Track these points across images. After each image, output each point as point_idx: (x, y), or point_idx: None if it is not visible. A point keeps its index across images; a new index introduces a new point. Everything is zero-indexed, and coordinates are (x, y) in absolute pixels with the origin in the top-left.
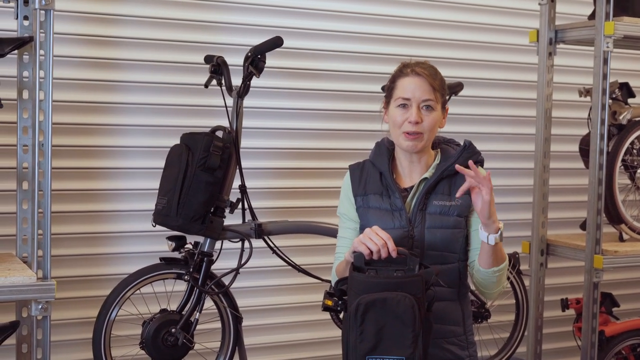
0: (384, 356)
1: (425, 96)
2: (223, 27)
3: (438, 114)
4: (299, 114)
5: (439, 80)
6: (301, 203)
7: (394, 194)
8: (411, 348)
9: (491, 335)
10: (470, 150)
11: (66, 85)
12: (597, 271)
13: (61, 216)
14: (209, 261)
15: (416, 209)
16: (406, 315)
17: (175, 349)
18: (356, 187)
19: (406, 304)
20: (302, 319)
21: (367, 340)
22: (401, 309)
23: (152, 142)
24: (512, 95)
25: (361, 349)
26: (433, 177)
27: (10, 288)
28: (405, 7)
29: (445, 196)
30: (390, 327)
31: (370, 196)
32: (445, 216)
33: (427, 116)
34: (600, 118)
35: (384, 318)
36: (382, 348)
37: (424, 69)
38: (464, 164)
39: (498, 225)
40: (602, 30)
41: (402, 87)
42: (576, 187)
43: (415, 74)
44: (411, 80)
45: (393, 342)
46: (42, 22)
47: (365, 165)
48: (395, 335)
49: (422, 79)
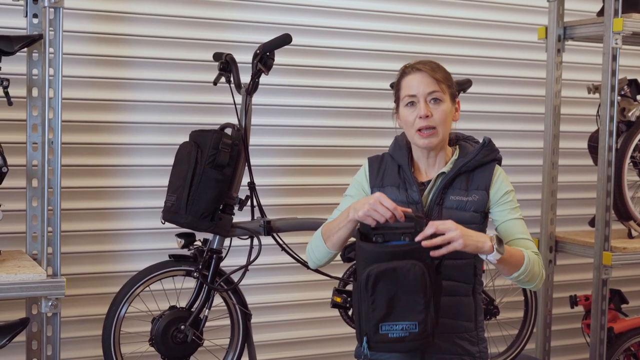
0: (397, 322)
1: (430, 88)
2: (232, 25)
3: (447, 105)
4: (307, 111)
5: (442, 72)
6: (310, 200)
7: (412, 187)
8: (423, 313)
9: (500, 332)
10: (489, 148)
11: (75, 82)
12: (605, 268)
13: (71, 213)
14: (218, 258)
15: (433, 203)
16: (417, 283)
17: (185, 346)
18: (374, 179)
19: (416, 272)
20: (311, 316)
21: (379, 309)
22: (411, 277)
23: (161, 140)
24: (521, 92)
25: (374, 317)
26: (451, 172)
27: (21, 285)
28: (415, 5)
29: (462, 191)
30: (402, 294)
31: (387, 188)
32: (461, 211)
33: (436, 109)
34: (609, 115)
35: (394, 287)
36: (394, 315)
37: (424, 64)
38: (483, 161)
39: (489, 244)
40: (611, 26)
41: (406, 86)
42: (585, 184)
43: (417, 70)
44: (413, 77)
45: (405, 309)
46: (51, 20)
47: (384, 158)
48: (407, 302)
49: (424, 74)
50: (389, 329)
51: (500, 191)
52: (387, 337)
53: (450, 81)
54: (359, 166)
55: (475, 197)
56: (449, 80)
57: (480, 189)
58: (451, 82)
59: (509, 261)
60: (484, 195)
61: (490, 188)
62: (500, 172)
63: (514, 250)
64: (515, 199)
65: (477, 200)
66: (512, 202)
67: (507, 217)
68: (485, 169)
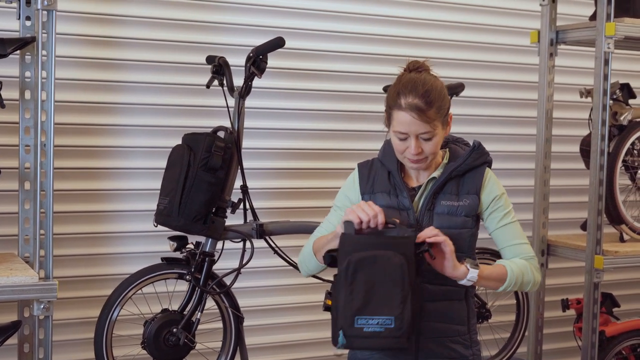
0: (373, 316)
1: (421, 130)
2: (225, 28)
3: (440, 136)
4: (300, 114)
5: (435, 108)
6: (302, 203)
7: (402, 193)
8: (400, 308)
9: (492, 335)
10: (480, 151)
11: (68, 85)
12: (597, 271)
13: (63, 216)
14: (211, 261)
15: (424, 208)
16: (395, 274)
17: (177, 349)
18: (364, 185)
19: (395, 262)
20: (304, 319)
21: (357, 299)
22: (391, 267)
23: (153, 143)
24: (513, 95)
25: (350, 308)
26: (441, 177)
27: (12, 288)
28: (406, 8)
29: (453, 196)
30: (380, 286)
31: (377, 195)
32: (453, 216)
33: (427, 144)
34: (601, 119)
35: (373, 277)
36: (371, 308)
37: (417, 98)
38: (473, 164)
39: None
40: (603, 31)
41: (398, 121)
42: (577, 187)
43: (409, 110)
44: (404, 115)
45: (382, 302)
46: (44, 22)
47: (374, 164)
48: (385, 295)
49: (415, 115)
50: (364, 323)
51: (491, 194)
52: (362, 331)
53: (443, 109)
54: (351, 169)
55: (466, 201)
56: (442, 109)
57: (471, 193)
58: (443, 108)
59: (486, 283)
60: (475, 200)
61: (481, 192)
62: (490, 175)
63: (494, 268)
64: (508, 201)
65: (467, 205)
66: (504, 207)
67: (500, 224)
68: (476, 172)
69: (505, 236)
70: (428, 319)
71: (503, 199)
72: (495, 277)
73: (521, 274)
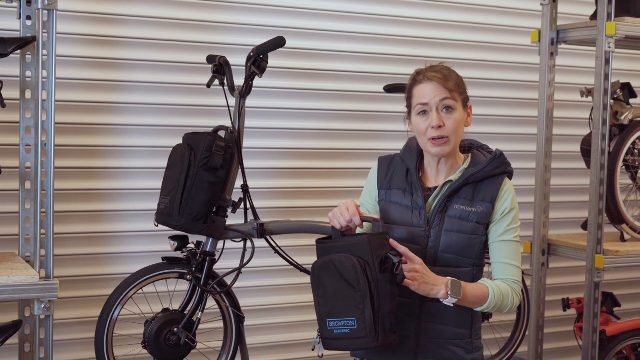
0: (340, 318)
1: (442, 95)
2: (226, 27)
3: (460, 114)
4: (301, 114)
5: (454, 80)
6: (303, 203)
7: (417, 192)
8: (359, 309)
9: (492, 335)
10: (500, 161)
11: (69, 85)
12: (598, 271)
13: (64, 216)
14: (211, 261)
15: (436, 210)
16: (350, 276)
17: (178, 349)
18: (382, 180)
19: (347, 265)
20: (304, 318)
21: (323, 303)
22: (345, 270)
23: (154, 142)
24: (514, 95)
25: (321, 313)
26: (458, 181)
27: (13, 287)
28: (408, 8)
29: (468, 201)
30: (342, 289)
31: (393, 191)
32: (464, 221)
33: (449, 118)
34: (602, 118)
35: (334, 281)
36: (337, 310)
37: (436, 72)
38: (492, 173)
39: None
40: (604, 30)
41: (418, 94)
42: (578, 187)
43: (428, 80)
44: (425, 86)
45: (345, 304)
46: (44, 22)
47: (395, 160)
48: (346, 297)
49: (435, 84)
50: (334, 325)
51: (503, 206)
52: (334, 333)
53: (462, 88)
54: (352, 169)
55: (480, 208)
56: (461, 87)
57: (486, 200)
58: (463, 89)
59: (469, 301)
60: (489, 208)
61: (497, 201)
62: (508, 187)
63: (478, 289)
64: (517, 219)
65: (480, 212)
66: (512, 223)
67: (501, 238)
68: (494, 181)
69: (501, 252)
70: (428, 319)
71: (512, 215)
72: (476, 301)
73: (502, 298)
